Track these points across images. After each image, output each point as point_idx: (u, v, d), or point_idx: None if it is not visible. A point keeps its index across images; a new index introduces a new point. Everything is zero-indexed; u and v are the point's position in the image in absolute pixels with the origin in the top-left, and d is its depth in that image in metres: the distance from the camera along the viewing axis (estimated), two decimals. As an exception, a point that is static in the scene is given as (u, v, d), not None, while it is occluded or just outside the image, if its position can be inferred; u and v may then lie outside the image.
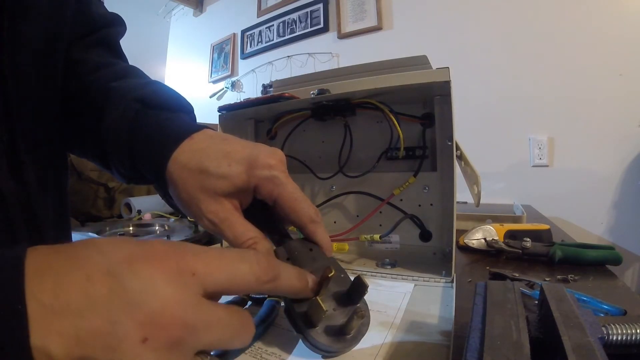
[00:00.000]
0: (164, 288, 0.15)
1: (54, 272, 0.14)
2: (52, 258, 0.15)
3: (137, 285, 0.15)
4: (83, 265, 0.15)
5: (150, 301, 0.15)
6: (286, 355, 0.26)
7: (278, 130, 0.62)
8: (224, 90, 2.27)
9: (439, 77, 0.41)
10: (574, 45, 1.21)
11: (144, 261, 0.16)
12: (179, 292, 0.15)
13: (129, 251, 0.16)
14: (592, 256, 0.46)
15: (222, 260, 0.18)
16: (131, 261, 0.15)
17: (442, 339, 0.28)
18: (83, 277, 0.14)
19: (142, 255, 0.16)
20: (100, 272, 0.15)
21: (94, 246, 0.16)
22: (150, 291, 0.15)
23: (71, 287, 0.14)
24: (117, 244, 0.16)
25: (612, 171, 1.16)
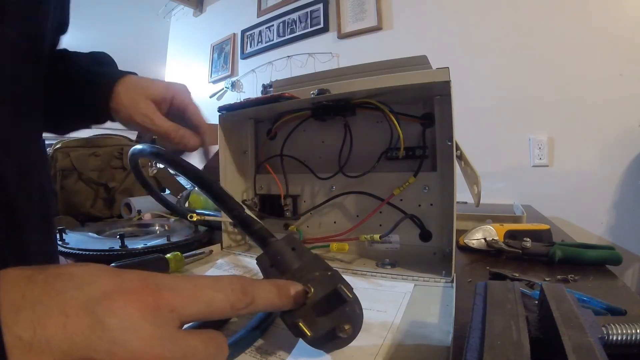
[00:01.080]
0: (143, 326, 0.15)
1: (30, 305, 0.14)
2: (27, 289, 0.15)
3: (116, 324, 0.15)
4: (59, 299, 0.15)
5: (131, 340, 0.15)
6: (286, 355, 0.26)
7: (278, 130, 0.62)
8: (224, 90, 2.27)
9: (439, 77, 0.41)
10: (574, 46, 1.21)
11: (122, 297, 0.16)
12: (158, 330, 0.16)
13: (105, 285, 0.16)
14: (592, 256, 0.46)
15: (196, 291, 0.18)
16: (108, 297, 0.15)
17: (442, 339, 0.28)
18: (61, 313, 0.14)
19: (118, 291, 0.16)
20: (78, 307, 0.15)
21: (70, 278, 0.16)
22: (131, 329, 0.15)
23: (49, 323, 0.14)
24: (93, 275, 0.16)
25: (612, 171, 1.16)
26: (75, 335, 0.14)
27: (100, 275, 0.16)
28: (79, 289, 0.15)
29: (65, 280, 0.16)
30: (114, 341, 0.14)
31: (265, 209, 0.62)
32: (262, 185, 0.64)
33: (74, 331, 0.14)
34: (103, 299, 0.15)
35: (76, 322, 0.14)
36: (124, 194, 1.00)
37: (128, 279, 0.17)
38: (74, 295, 0.15)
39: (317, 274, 0.26)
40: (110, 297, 0.15)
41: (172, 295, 0.17)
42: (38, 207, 0.36)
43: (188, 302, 0.18)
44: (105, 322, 0.15)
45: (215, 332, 0.20)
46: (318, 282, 0.26)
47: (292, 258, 0.28)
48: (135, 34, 3.27)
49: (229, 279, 0.20)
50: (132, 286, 0.16)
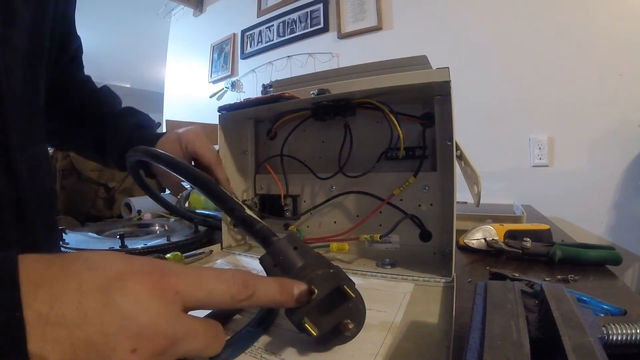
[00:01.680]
0: (151, 305, 0.17)
1: (48, 284, 0.15)
2: (45, 269, 0.16)
3: (127, 302, 0.16)
4: (75, 279, 0.16)
5: (140, 317, 0.16)
6: (286, 355, 0.26)
7: (278, 130, 0.62)
8: (224, 90, 2.27)
9: (439, 77, 0.41)
10: (574, 46, 1.21)
11: (133, 279, 0.17)
12: (164, 308, 0.17)
13: (118, 268, 0.17)
14: (592, 256, 0.46)
15: (200, 279, 0.20)
16: (120, 278, 0.17)
17: (442, 339, 0.28)
18: (76, 291, 0.15)
19: (130, 273, 0.17)
20: (93, 287, 0.16)
21: (85, 261, 0.17)
22: (139, 307, 0.16)
23: (66, 300, 0.15)
24: (107, 259, 0.18)
25: (612, 171, 1.16)
26: (89, 311, 0.15)
27: (113, 259, 0.18)
28: (93, 270, 0.17)
29: (81, 263, 0.17)
30: (125, 317, 0.16)
31: (265, 209, 0.62)
32: (262, 185, 0.64)
33: (88, 307, 0.15)
34: (115, 279, 0.16)
35: (90, 300, 0.15)
36: (124, 194, 1.00)
37: (138, 263, 0.18)
38: (89, 275, 0.16)
39: (320, 272, 0.27)
40: (122, 278, 0.17)
41: (177, 280, 0.18)
42: (44, 207, 0.37)
43: (192, 288, 0.19)
44: (117, 300, 0.16)
45: (215, 321, 0.21)
46: (321, 280, 0.26)
47: (294, 257, 0.28)
48: (135, 34, 3.28)
49: (232, 272, 0.21)
50: (142, 269, 0.18)
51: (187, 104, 2.62)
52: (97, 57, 3.58)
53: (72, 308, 0.15)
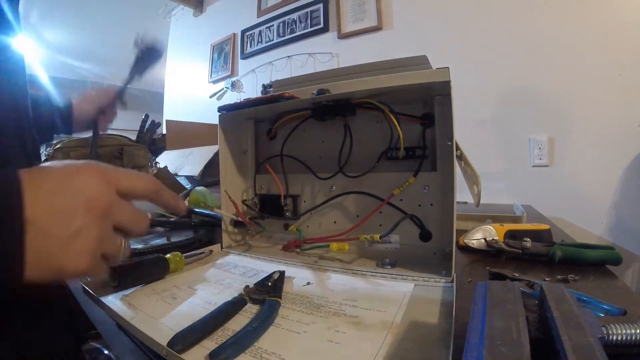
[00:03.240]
0: (96, 184, 0.26)
1: (38, 178, 0.24)
2: (36, 171, 0.25)
3: (81, 183, 0.25)
4: (52, 174, 0.25)
5: (89, 191, 0.25)
6: (286, 355, 0.26)
7: (278, 130, 0.62)
8: (224, 90, 2.27)
9: (439, 77, 0.41)
10: (574, 46, 1.21)
11: (86, 171, 0.26)
12: (104, 187, 0.26)
13: (77, 166, 0.26)
14: (592, 256, 0.46)
15: (127, 176, 0.28)
16: (79, 172, 0.26)
17: (442, 339, 0.28)
18: (54, 181, 0.24)
19: (84, 167, 0.26)
20: (63, 178, 0.25)
21: (60, 165, 0.26)
22: (89, 186, 0.25)
23: (48, 183, 0.24)
24: (72, 162, 0.26)
25: (612, 171, 1.16)
26: (60, 191, 0.24)
27: (75, 163, 0.26)
28: (64, 168, 0.26)
29: (57, 166, 0.26)
30: (80, 191, 0.25)
31: (265, 209, 0.62)
32: (262, 185, 0.64)
33: (59, 188, 0.24)
34: (76, 173, 0.26)
35: (62, 184, 0.25)
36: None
37: (89, 163, 0.27)
38: (60, 171, 0.25)
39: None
40: (79, 172, 0.26)
41: (113, 173, 0.27)
42: None
43: (121, 180, 0.27)
44: (75, 183, 0.25)
45: (144, 211, 0.29)
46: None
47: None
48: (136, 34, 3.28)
49: (149, 176, 0.30)
50: (90, 166, 0.26)
51: (187, 104, 2.62)
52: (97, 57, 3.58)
53: (52, 187, 0.24)
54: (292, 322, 0.32)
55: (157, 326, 0.32)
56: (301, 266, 0.49)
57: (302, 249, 0.54)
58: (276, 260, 0.52)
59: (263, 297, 0.36)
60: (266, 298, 0.35)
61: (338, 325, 0.31)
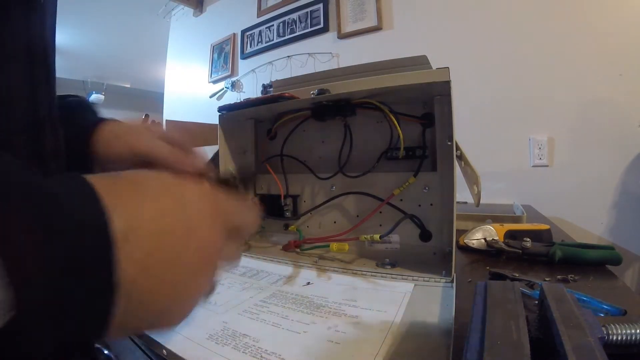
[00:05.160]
0: (210, 231, 0.20)
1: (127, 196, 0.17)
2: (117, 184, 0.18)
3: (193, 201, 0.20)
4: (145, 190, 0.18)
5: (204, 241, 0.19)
6: (286, 355, 0.26)
7: (278, 130, 0.62)
8: (224, 90, 2.27)
9: (439, 77, 0.41)
10: (574, 46, 1.21)
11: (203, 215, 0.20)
12: (218, 232, 0.21)
13: (173, 180, 0.20)
14: (592, 256, 0.46)
15: (243, 214, 0.24)
16: (180, 184, 0.20)
17: (442, 339, 0.28)
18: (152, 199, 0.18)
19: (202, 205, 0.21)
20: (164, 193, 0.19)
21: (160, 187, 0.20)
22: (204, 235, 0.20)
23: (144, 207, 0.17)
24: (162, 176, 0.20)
25: (612, 171, 1.16)
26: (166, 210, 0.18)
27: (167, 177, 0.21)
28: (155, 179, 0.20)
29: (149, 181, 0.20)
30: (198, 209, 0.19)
31: (265, 209, 0.62)
32: (262, 185, 0.64)
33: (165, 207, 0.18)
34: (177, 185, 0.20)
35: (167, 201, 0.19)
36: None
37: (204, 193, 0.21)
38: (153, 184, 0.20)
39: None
40: (181, 184, 0.20)
41: (229, 211, 0.22)
42: None
43: (235, 218, 0.23)
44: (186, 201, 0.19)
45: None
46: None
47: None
48: (135, 34, 3.28)
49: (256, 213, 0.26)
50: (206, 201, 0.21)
51: (187, 104, 2.62)
52: (97, 57, 3.58)
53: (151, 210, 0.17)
54: (292, 322, 0.32)
55: (157, 326, 0.32)
56: (301, 266, 0.49)
57: (302, 249, 0.54)
58: (276, 260, 0.52)
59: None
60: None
61: (338, 325, 0.31)
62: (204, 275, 0.19)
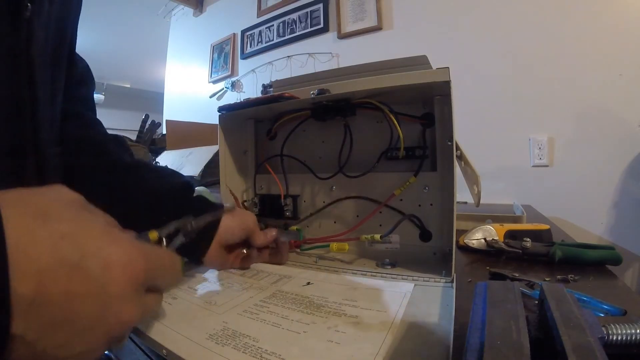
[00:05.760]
0: (125, 297, 0.20)
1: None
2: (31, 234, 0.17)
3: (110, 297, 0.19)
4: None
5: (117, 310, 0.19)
6: (286, 355, 0.26)
7: (278, 130, 0.62)
8: (224, 90, 2.27)
9: (439, 77, 0.41)
10: (574, 45, 1.21)
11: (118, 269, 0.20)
12: (135, 299, 0.21)
13: (108, 251, 0.19)
14: (592, 256, 0.46)
15: (164, 275, 0.24)
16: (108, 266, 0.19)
17: (442, 339, 0.28)
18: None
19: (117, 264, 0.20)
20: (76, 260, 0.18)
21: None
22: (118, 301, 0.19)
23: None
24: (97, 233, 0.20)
25: (612, 171, 1.16)
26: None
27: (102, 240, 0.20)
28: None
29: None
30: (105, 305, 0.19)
31: (265, 209, 0.62)
32: (262, 185, 0.64)
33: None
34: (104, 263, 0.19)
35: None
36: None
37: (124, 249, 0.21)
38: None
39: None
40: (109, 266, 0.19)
41: (151, 274, 0.22)
42: None
43: (157, 279, 0.24)
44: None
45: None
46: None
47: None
48: (135, 34, 3.28)
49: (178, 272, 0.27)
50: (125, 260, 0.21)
51: (187, 104, 2.62)
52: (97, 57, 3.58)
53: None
54: (292, 322, 0.32)
55: (157, 326, 0.32)
56: (301, 266, 0.49)
57: (302, 249, 0.54)
58: (276, 260, 0.52)
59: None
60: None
61: (338, 325, 0.31)
62: (106, 337, 0.19)
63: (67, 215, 0.19)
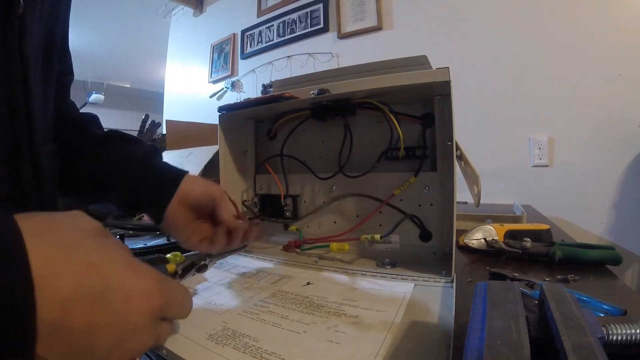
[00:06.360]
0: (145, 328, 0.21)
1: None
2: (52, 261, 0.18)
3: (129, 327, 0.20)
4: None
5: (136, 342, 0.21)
6: (286, 355, 0.26)
7: (278, 130, 0.62)
8: (224, 90, 2.27)
9: (439, 77, 0.41)
10: (574, 45, 1.21)
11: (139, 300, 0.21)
12: (151, 327, 0.22)
13: (129, 285, 0.20)
14: (592, 256, 0.46)
15: (179, 304, 0.25)
16: (128, 297, 0.20)
17: (442, 339, 0.28)
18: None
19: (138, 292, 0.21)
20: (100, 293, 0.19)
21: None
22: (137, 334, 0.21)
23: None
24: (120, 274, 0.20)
25: (612, 171, 1.16)
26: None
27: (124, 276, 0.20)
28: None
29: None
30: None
31: (265, 209, 0.62)
32: (262, 185, 0.64)
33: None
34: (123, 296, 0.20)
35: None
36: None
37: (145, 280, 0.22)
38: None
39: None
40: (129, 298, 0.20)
41: (167, 304, 0.23)
42: (51, 208, 0.37)
43: (172, 308, 0.25)
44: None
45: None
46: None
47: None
48: (135, 34, 3.28)
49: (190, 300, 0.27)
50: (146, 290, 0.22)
51: (187, 104, 2.61)
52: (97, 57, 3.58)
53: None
54: (292, 322, 0.32)
55: (157, 326, 0.32)
56: (301, 266, 0.49)
57: (302, 249, 0.54)
58: (276, 260, 0.52)
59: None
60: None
61: (338, 325, 0.31)
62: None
63: (91, 246, 0.19)
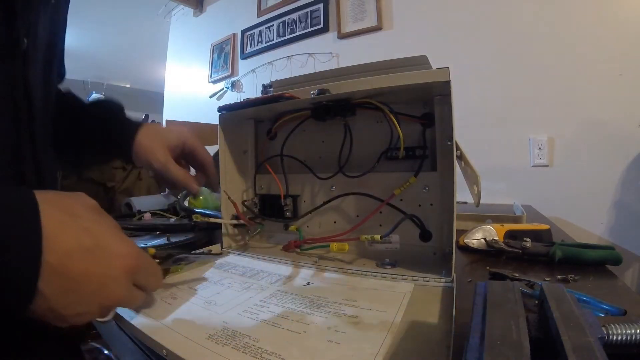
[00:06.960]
0: (118, 283, 0.26)
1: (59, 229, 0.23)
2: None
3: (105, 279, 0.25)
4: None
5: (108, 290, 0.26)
6: (286, 355, 0.26)
7: (278, 130, 0.62)
8: (224, 90, 2.27)
9: (439, 77, 0.41)
10: (574, 45, 1.21)
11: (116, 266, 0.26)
12: (125, 284, 0.27)
13: (111, 253, 0.26)
14: (592, 256, 0.46)
15: (149, 275, 0.30)
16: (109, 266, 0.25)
17: (442, 339, 0.28)
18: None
19: (116, 262, 0.26)
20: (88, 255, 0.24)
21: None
22: (111, 285, 0.26)
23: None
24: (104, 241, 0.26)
25: (612, 171, 1.16)
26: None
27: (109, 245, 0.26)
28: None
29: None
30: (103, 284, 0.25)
31: (265, 209, 0.62)
32: (262, 185, 0.64)
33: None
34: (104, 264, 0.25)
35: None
36: (124, 194, 1.00)
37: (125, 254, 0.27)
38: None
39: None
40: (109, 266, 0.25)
41: (139, 272, 0.28)
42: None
43: (142, 278, 0.29)
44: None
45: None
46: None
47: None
48: (135, 34, 3.28)
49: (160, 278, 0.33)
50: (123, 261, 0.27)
51: (187, 104, 2.62)
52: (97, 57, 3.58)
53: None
54: (292, 322, 0.32)
55: (157, 326, 0.32)
56: (301, 266, 0.49)
57: (302, 249, 0.54)
58: (276, 260, 0.52)
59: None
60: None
61: (338, 325, 0.31)
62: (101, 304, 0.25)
63: (89, 216, 0.25)
